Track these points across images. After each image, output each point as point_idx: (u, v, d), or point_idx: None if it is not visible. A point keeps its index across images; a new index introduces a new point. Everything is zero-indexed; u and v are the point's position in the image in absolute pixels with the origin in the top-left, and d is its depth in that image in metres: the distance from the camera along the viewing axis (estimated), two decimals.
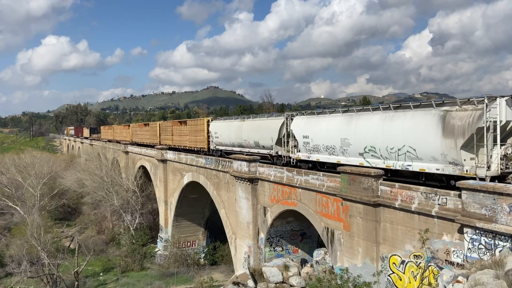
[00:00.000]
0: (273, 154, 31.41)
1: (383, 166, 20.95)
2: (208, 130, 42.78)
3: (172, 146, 53.54)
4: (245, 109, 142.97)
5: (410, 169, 19.72)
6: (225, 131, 38.98)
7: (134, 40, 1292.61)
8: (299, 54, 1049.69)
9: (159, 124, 62.00)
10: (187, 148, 48.91)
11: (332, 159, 24.74)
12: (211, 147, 42.16)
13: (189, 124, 49.32)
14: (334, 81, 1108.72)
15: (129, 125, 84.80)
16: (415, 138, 19.23)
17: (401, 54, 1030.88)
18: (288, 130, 29.42)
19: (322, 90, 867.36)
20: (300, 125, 27.79)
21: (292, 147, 29.03)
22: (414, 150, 19.31)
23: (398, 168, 20.29)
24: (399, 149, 20.10)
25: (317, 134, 25.96)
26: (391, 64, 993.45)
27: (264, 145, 32.57)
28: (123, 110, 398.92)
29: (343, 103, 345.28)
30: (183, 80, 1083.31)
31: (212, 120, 43.23)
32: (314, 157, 26.43)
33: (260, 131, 33.03)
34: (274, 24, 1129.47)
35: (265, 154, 32.53)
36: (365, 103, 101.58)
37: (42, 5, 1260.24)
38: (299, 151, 28.14)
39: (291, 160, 29.03)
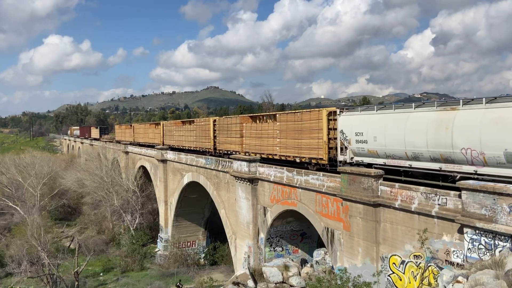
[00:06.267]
0: None
1: None
2: (329, 128, 25.55)
3: (242, 152, 35.92)
4: (245, 109, 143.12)
5: None
6: (386, 130, 21.06)
7: (137, 40, 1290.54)
8: (301, 54, 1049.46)
9: (214, 122, 42.58)
10: (279, 157, 30.48)
11: None
12: (344, 157, 24.15)
13: (282, 119, 30.18)
14: (335, 81, 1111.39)
15: (158, 123, 63.77)
16: None
17: (403, 54, 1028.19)
18: None
19: (324, 90, 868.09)
20: None
21: None
22: None
23: None
24: None
25: None
26: (392, 64, 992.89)
27: None
28: (123, 110, 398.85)
29: (343, 103, 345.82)
30: (184, 80, 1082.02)
31: (341, 112, 24.76)
32: None
33: None
34: (277, 24, 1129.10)
35: None
36: (365, 103, 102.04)
37: (47, 5, 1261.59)
38: None
39: None
